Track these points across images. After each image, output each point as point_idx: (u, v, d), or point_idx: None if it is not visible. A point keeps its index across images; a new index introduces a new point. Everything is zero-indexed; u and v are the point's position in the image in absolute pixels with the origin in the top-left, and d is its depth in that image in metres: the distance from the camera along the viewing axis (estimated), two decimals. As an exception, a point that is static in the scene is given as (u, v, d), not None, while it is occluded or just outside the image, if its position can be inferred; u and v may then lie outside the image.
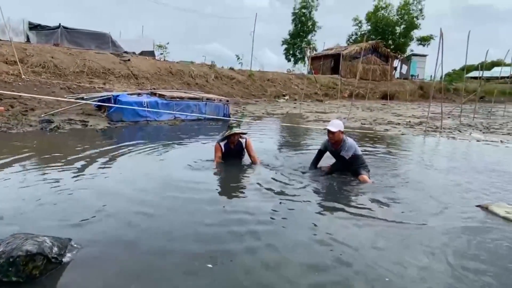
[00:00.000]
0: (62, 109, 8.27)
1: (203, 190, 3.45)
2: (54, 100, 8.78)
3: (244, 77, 19.17)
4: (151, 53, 18.43)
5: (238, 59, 22.64)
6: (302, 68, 30.50)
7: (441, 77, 12.92)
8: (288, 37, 32.30)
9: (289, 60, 33.08)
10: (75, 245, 2.11)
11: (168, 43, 20.47)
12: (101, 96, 8.64)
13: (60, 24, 15.93)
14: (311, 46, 30.43)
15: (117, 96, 8.23)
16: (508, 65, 23.87)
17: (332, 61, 28.34)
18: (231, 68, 20.02)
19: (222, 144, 4.36)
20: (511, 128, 10.50)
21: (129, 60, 14.28)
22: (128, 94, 8.95)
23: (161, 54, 19.25)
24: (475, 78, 28.95)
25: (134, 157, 4.74)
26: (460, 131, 9.42)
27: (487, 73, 22.50)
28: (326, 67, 28.49)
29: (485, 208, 3.13)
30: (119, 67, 13.77)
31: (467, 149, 7.00)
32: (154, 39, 20.03)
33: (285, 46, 32.83)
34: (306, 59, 29.57)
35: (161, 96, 8.93)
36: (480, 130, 9.81)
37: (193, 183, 3.63)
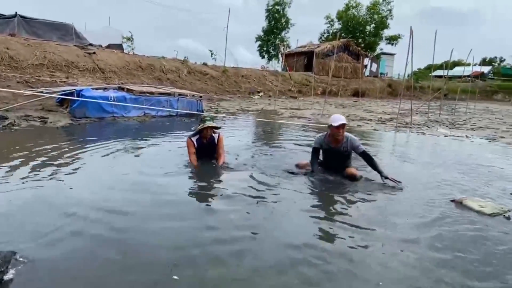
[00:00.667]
0: (18, 104, 7.59)
1: (170, 196, 3.10)
2: (9, 93, 8.06)
3: (218, 73, 18.80)
4: (119, 46, 17.54)
5: (212, 54, 22.18)
6: (276, 65, 30.55)
7: (409, 75, 13.36)
8: (262, 33, 32.20)
9: (263, 57, 33.00)
10: (20, 259, 1.81)
11: (131, 35, 19.19)
12: (62, 91, 8.03)
13: (16, 12, 14.70)
14: (284, 43, 30.51)
15: (81, 90, 7.67)
16: (468, 64, 25.21)
17: (305, 59, 28.56)
18: (205, 64, 19.56)
19: (194, 139, 4.07)
20: (474, 124, 11.05)
21: (94, 53, 13.47)
22: (93, 88, 8.40)
23: (129, 46, 18.33)
24: (439, 76, 30.41)
25: (98, 158, 4.35)
26: (429, 127, 9.76)
27: (449, 72, 23.66)
28: (299, 64, 28.68)
29: (459, 203, 3.15)
30: (83, 60, 12.95)
31: (436, 144, 7.22)
32: (122, 32, 19.04)
33: (259, 42, 32.71)
34: (280, 56, 29.61)
35: (129, 91, 8.45)
36: (447, 126, 10.22)
37: (160, 188, 3.31)
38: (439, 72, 31.26)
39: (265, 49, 32.42)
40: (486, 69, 38.81)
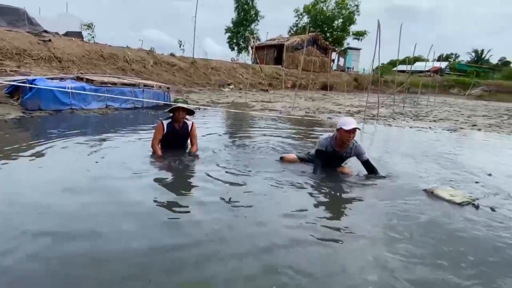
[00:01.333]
0: (-41, 95, 6.78)
1: (130, 202, 2.67)
2: None
3: (187, 65, 18.19)
4: (78, 34, 16.32)
5: (180, 45, 21.47)
6: (246, 57, 30.25)
7: (377, 67, 13.74)
8: (231, 25, 31.68)
9: (232, 49, 32.58)
10: None
11: (92, 23, 17.83)
12: (13, 80, 7.28)
13: (-44, -7, 13.16)
14: (254, 35, 30.25)
15: (34, 80, 6.98)
16: (428, 60, 26.50)
17: (275, 52, 28.54)
18: (172, 54, 18.85)
19: (165, 123, 3.84)
20: (436, 116, 11.61)
21: (50, 40, 12.42)
22: (48, 78, 7.70)
23: (89, 35, 17.15)
24: (402, 71, 31.78)
25: (49, 155, 3.87)
26: (394, 119, 10.09)
27: (411, 67, 24.82)
28: (269, 58, 28.60)
29: (430, 193, 3.18)
30: (38, 48, 11.89)
31: (403, 135, 7.45)
32: (81, 19, 17.72)
33: (228, 34, 32.19)
34: (249, 48, 29.33)
35: (89, 81, 7.84)
36: (411, 118, 10.64)
37: (120, 190, 2.91)
38: (401, 67, 32.65)
39: (234, 41, 31.99)
40: (443, 64, 41.15)
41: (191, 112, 3.99)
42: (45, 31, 13.82)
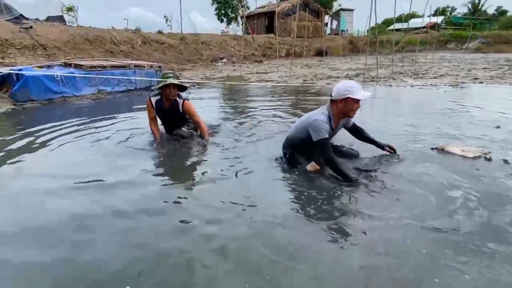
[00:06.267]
0: None
1: (125, 198, 2.38)
2: None
3: (176, 41, 17.59)
4: (59, 18, 15.64)
5: (166, 21, 20.67)
6: (237, 28, 29.25)
7: (372, 27, 13.29)
8: (217, -6, 30.35)
9: (221, 21, 31.43)
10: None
11: (74, 6, 17.07)
12: (-3, 72, 6.99)
13: None
14: (243, 3, 29.04)
15: (19, 70, 6.71)
16: (423, 16, 25.60)
17: (266, 20, 27.55)
18: (160, 32, 18.16)
19: (153, 99, 3.47)
20: (436, 72, 11.35)
21: (31, 27, 11.89)
22: (34, 67, 7.40)
23: (72, 17, 16.43)
24: (397, 30, 30.82)
25: (39, 147, 3.73)
26: (394, 79, 9.86)
27: (406, 25, 23.94)
28: (261, 27, 27.66)
29: (441, 150, 3.11)
30: (20, 37, 11.40)
31: (405, 94, 7.28)
32: (62, 1, 16.89)
33: (216, 5, 30.89)
34: (239, 18, 28.27)
35: (77, 66, 7.55)
36: (411, 77, 10.40)
37: (115, 182, 2.64)
38: (397, 26, 31.58)
39: (223, 12, 30.78)
40: (439, 19, 39.86)
41: (183, 88, 3.50)
42: (22, 15, 13.16)
